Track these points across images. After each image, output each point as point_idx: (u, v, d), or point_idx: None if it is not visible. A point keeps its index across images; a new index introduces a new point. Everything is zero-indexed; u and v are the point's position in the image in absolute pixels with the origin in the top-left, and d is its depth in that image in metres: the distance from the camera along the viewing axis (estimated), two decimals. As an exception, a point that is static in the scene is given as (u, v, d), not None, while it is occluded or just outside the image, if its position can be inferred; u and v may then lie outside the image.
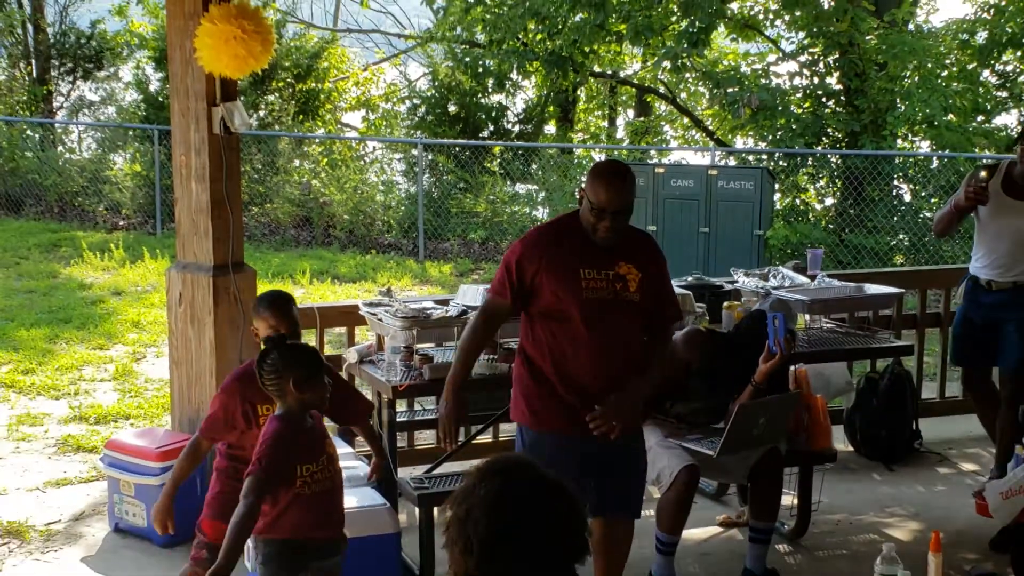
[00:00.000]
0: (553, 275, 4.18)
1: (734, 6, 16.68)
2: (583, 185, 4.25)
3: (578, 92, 19.36)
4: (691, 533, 5.48)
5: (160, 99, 17.38)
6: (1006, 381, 5.97)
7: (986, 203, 5.72)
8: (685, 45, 15.10)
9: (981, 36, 15.44)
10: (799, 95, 16.04)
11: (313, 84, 18.18)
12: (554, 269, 4.18)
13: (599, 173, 4.26)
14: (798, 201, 15.08)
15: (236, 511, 3.62)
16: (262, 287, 6.17)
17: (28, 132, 18.05)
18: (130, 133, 17.52)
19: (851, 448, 6.88)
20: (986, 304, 5.92)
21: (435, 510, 5.01)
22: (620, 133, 20.42)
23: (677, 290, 5.81)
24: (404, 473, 5.41)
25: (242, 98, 5.67)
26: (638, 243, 4.38)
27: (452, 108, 18.07)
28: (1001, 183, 5.79)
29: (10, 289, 11.82)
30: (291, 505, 3.74)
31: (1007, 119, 16.10)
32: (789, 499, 5.58)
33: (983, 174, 5.72)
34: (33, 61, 20.08)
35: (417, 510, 5.07)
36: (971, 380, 6.26)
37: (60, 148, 18.37)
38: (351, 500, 4.68)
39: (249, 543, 3.85)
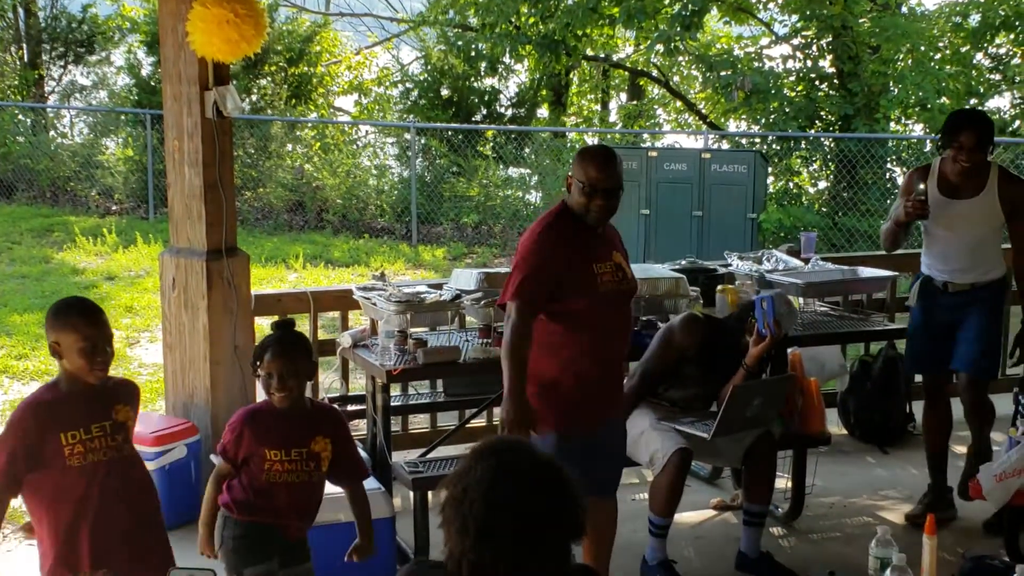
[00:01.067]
0: (571, 276, 4.17)
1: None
2: (570, 173, 4.26)
3: (571, 76, 19.33)
4: (685, 516, 5.49)
5: (152, 84, 17.33)
6: (967, 386, 5.57)
7: (927, 216, 5.40)
8: (678, 28, 15.07)
9: (974, 19, 15.44)
10: (792, 78, 16.03)
11: (305, 68, 18.13)
12: (571, 266, 4.17)
13: (589, 154, 4.31)
14: (791, 184, 15.09)
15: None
16: (255, 271, 6.17)
17: (19, 117, 17.99)
18: (122, 118, 17.47)
19: (845, 431, 6.90)
20: (943, 306, 5.56)
21: (429, 494, 5.01)
22: (613, 117, 20.40)
23: (671, 274, 5.85)
24: (398, 457, 5.40)
25: (234, 82, 5.64)
26: (612, 229, 4.43)
27: (445, 92, 18.04)
28: (937, 185, 5.46)
29: (3, 274, 11.80)
30: (254, 486, 3.71)
31: (1000, 102, 16.12)
32: (783, 482, 5.59)
33: (921, 186, 5.37)
34: (24, 45, 19.99)
35: (412, 494, 5.07)
36: (932, 391, 5.76)
37: (52, 133, 18.31)
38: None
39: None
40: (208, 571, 2.19)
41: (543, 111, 19.34)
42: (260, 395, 5.71)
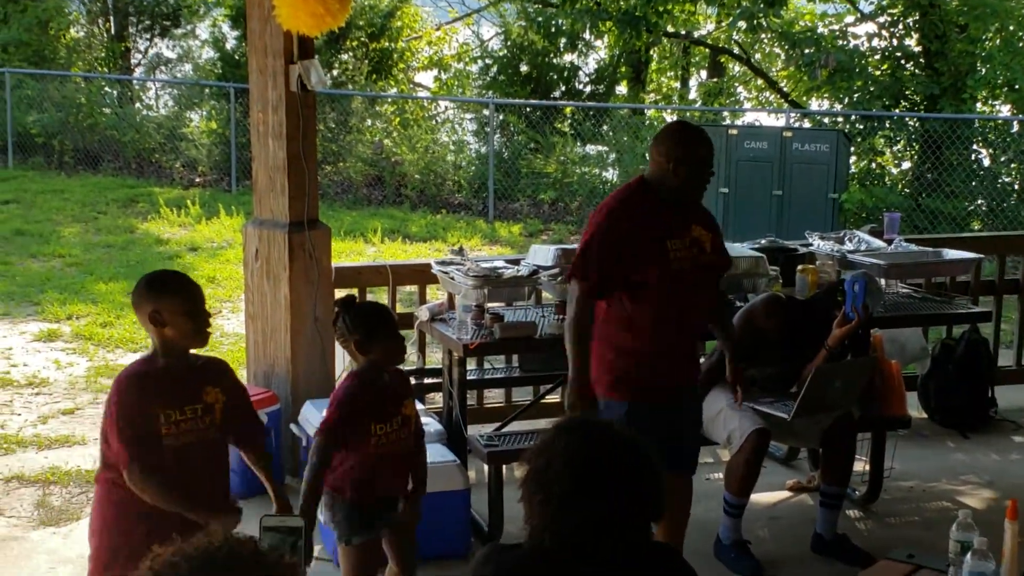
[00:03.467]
0: (642, 253, 4.15)
1: (813, -35, 16.44)
2: (662, 152, 4.19)
3: (651, 52, 19.19)
4: (760, 497, 5.46)
5: (236, 57, 17.53)
6: None
7: None
8: (761, 5, 14.87)
9: (1068, -3, 15.07)
10: (877, 57, 15.76)
11: (386, 43, 18.20)
12: (642, 247, 4.16)
13: (686, 132, 4.34)
14: (874, 165, 14.86)
15: (306, 470, 3.71)
16: (334, 245, 6.23)
17: (106, 88, 18.29)
18: (206, 91, 17.70)
19: (925, 415, 6.81)
20: None
21: (503, 467, 5.04)
22: (693, 94, 20.22)
23: (751, 253, 5.80)
24: (473, 431, 5.45)
25: (317, 57, 5.70)
26: (698, 204, 4.40)
27: (524, 68, 18.02)
28: None
29: (89, 243, 12.04)
30: (362, 464, 3.78)
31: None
32: (861, 465, 5.54)
33: None
34: (111, 18, 20.32)
35: (486, 467, 5.11)
36: None
37: (137, 105, 18.60)
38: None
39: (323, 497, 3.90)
40: (298, 518, 2.23)
41: (622, 88, 19.24)
42: (339, 367, 5.81)
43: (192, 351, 3.43)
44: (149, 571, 1.62)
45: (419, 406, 5.58)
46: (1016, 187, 14.07)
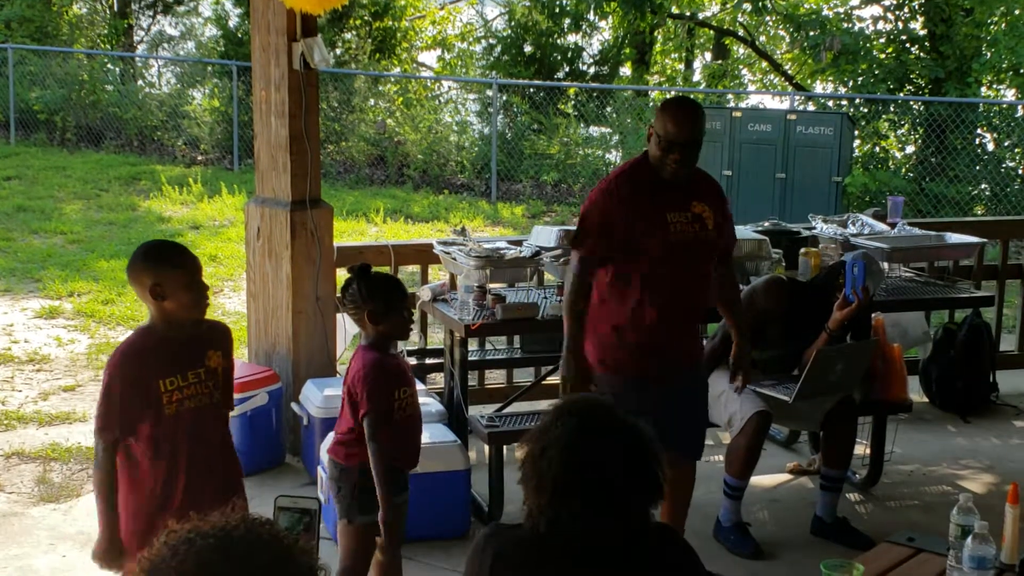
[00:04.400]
0: (641, 224, 4.14)
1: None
2: (652, 123, 4.22)
3: (655, 34, 19.14)
4: (760, 479, 5.46)
5: (239, 35, 17.49)
6: None
7: None
8: (766, -13, 14.84)
9: (1074, -19, 14.99)
10: (882, 40, 15.72)
11: (390, 22, 18.16)
12: (641, 218, 4.15)
13: (668, 106, 4.27)
14: (878, 148, 14.83)
15: (371, 457, 3.68)
16: (336, 224, 6.22)
17: (109, 66, 18.26)
18: (209, 68, 17.67)
19: (926, 399, 6.81)
20: None
21: (504, 448, 5.05)
22: (697, 76, 20.20)
23: (754, 236, 5.78)
24: (474, 411, 5.45)
25: (320, 35, 5.67)
26: (704, 181, 4.38)
27: (528, 48, 17.97)
28: None
29: (90, 220, 12.03)
30: (389, 432, 3.74)
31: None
32: (861, 448, 5.54)
33: None
34: (114, -5, 20.30)
35: (487, 448, 5.11)
36: None
37: (140, 82, 18.57)
38: (423, 436, 4.73)
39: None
40: (313, 499, 2.23)
41: (626, 69, 19.20)
42: (340, 346, 5.80)
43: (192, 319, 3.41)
44: (164, 546, 1.62)
45: (420, 386, 5.60)
46: (1020, 172, 14.04)
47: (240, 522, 1.65)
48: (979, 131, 14.38)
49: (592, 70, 18.46)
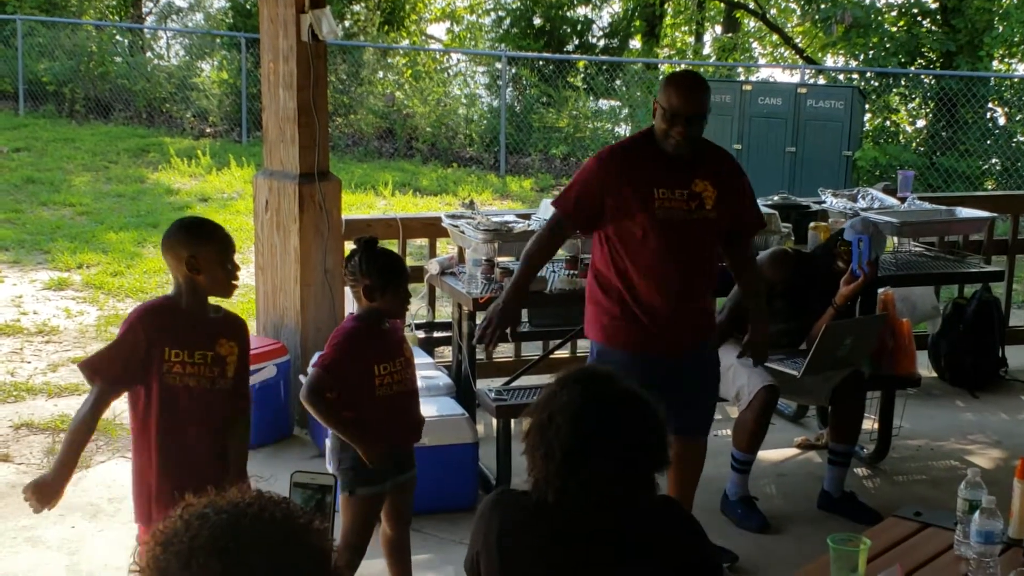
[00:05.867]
0: (626, 194, 4.12)
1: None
2: (656, 97, 4.20)
3: (665, 6, 19.06)
4: (768, 454, 5.47)
5: (248, 7, 17.44)
6: None
7: None
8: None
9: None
10: (894, 13, 15.63)
11: (399, -6, 18.11)
12: (627, 188, 4.12)
13: (672, 79, 4.26)
14: (888, 122, 14.76)
15: (313, 413, 3.73)
16: (344, 198, 6.21)
17: (118, 37, 18.23)
18: (217, 41, 17.63)
19: (935, 374, 6.81)
20: None
21: (512, 421, 5.05)
22: (707, 49, 20.09)
23: (763, 210, 5.75)
24: (482, 385, 5.45)
25: (329, 7, 5.65)
26: (715, 159, 4.31)
27: (537, 21, 17.91)
28: None
29: (99, 192, 12.03)
30: (371, 408, 3.75)
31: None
32: (870, 423, 5.53)
33: None
34: (123, -34, 20.23)
35: (495, 421, 5.12)
36: None
37: (149, 54, 18.54)
38: (430, 409, 4.74)
39: (328, 443, 3.88)
40: (330, 475, 2.23)
41: (636, 42, 19.12)
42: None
43: (213, 303, 3.42)
44: (179, 519, 1.63)
45: (428, 359, 5.60)
46: (1031, 146, 13.99)
47: (255, 500, 1.65)
48: (990, 105, 14.31)
49: (602, 43, 18.40)
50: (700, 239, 4.23)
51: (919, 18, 15.49)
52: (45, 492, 3.30)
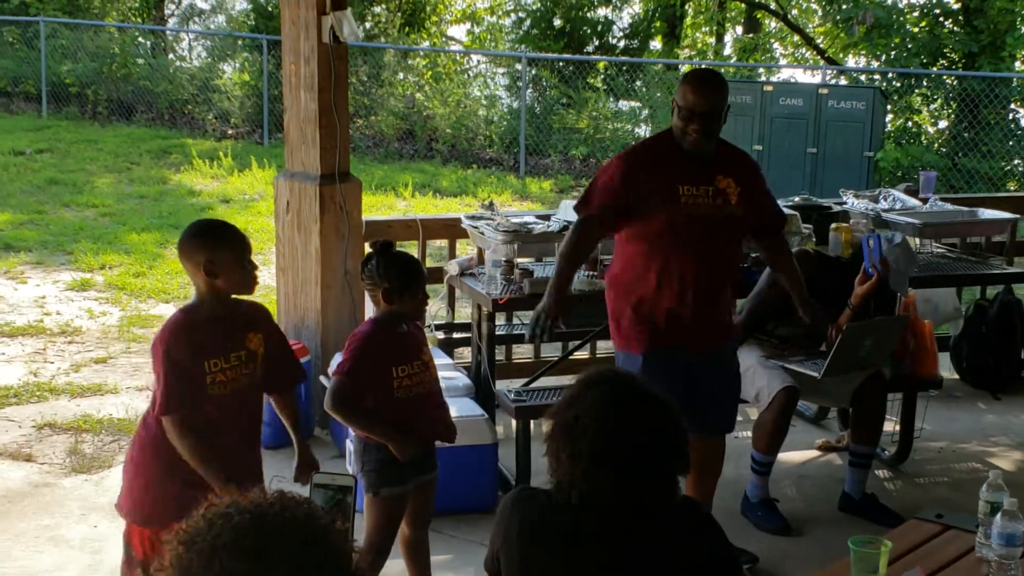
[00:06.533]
0: (651, 193, 4.12)
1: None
2: (675, 95, 4.20)
3: (686, 7, 19.02)
4: (789, 455, 5.45)
5: (269, 8, 17.50)
6: None
7: None
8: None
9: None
10: (916, 13, 15.56)
11: (419, -4, 18.14)
12: (652, 187, 4.12)
13: (689, 77, 4.28)
14: (910, 123, 14.70)
15: (337, 417, 3.73)
16: (365, 199, 6.22)
17: (140, 39, 18.32)
18: (239, 43, 17.70)
19: (957, 376, 6.77)
20: None
21: (531, 422, 5.05)
22: (728, 50, 20.05)
23: (785, 211, 5.74)
24: (502, 386, 5.45)
25: (350, 9, 5.66)
26: (734, 157, 4.33)
27: (557, 22, 17.91)
28: None
29: (122, 194, 12.10)
30: (390, 411, 3.76)
31: None
32: (891, 425, 5.51)
33: None
34: (145, -32, 20.32)
35: (514, 422, 5.12)
36: None
37: (171, 56, 18.62)
38: (450, 410, 4.74)
39: (350, 445, 3.90)
40: (349, 476, 2.24)
41: (656, 43, 19.10)
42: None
43: (232, 297, 3.44)
44: (202, 518, 1.64)
45: (448, 360, 5.61)
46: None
47: (277, 500, 1.67)
48: (1012, 106, 14.23)
49: (622, 44, 18.38)
50: (726, 236, 4.24)
51: (941, 19, 15.42)
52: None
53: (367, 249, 5.85)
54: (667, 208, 4.11)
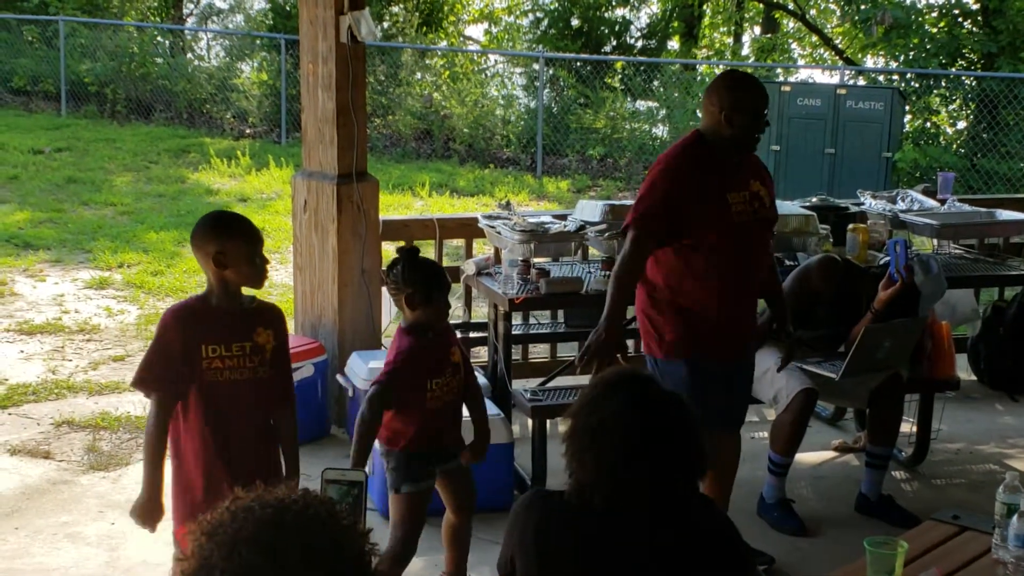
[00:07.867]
0: (704, 205, 4.07)
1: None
2: (714, 102, 4.09)
3: (704, 7, 19.00)
4: (805, 456, 5.44)
5: (287, 8, 17.55)
6: None
7: None
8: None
9: None
10: (934, 14, 15.51)
11: (437, -5, 18.16)
12: (705, 199, 4.07)
13: (743, 81, 4.28)
14: (929, 124, 14.65)
15: (358, 420, 3.72)
16: (382, 198, 6.23)
17: (158, 38, 18.38)
18: (257, 42, 17.75)
19: (974, 377, 6.75)
20: None
21: (547, 422, 5.06)
22: (746, 50, 20.01)
23: (801, 211, 5.74)
24: (518, 385, 5.46)
25: (368, 9, 5.68)
26: (754, 160, 4.32)
27: (575, 22, 17.91)
28: None
29: (140, 192, 12.14)
30: (421, 420, 3.80)
31: None
32: (908, 426, 5.50)
33: None
34: (163, -32, 20.40)
35: (530, 421, 5.13)
36: None
37: (189, 55, 18.69)
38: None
39: (376, 446, 3.92)
40: (360, 472, 2.26)
41: (674, 43, 19.08)
42: (385, 319, 5.83)
43: (247, 294, 3.44)
44: (226, 511, 1.66)
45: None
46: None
47: (300, 498, 1.68)
48: (1032, 107, 14.17)
49: (640, 44, 18.38)
50: (763, 240, 4.26)
51: (960, 19, 15.36)
52: (143, 513, 3.33)
53: (384, 248, 5.90)
54: (721, 218, 4.06)
